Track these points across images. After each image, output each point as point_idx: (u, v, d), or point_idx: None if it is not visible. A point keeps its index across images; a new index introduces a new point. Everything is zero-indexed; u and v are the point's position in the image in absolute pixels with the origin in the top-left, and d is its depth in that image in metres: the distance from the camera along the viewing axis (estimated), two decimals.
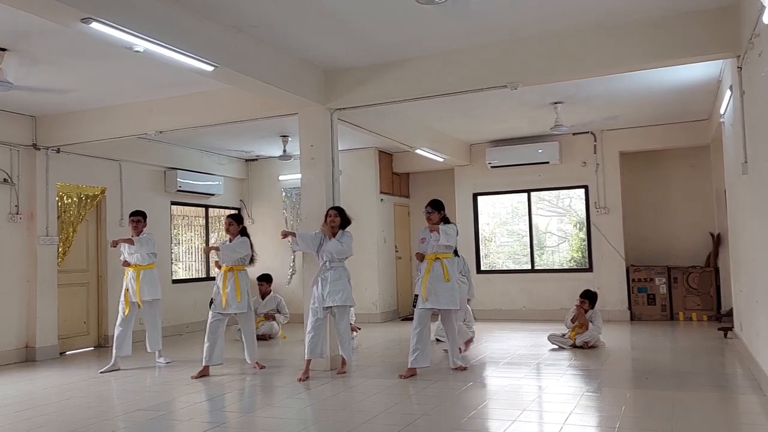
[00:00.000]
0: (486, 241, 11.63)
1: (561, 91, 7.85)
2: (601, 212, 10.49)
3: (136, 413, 5.17)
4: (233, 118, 7.47)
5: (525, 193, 11.23)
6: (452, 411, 4.95)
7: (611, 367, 6.62)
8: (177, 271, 10.69)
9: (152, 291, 7.22)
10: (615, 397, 5.28)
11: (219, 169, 11.30)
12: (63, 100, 7.54)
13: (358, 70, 6.79)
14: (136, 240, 7.18)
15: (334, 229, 6.45)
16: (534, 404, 5.13)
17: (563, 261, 11.14)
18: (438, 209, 6.45)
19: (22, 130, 8.08)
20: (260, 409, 5.38)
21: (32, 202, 8.16)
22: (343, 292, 6.36)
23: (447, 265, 6.32)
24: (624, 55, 5.83)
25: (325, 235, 6.46)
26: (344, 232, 6.53)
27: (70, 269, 8.77)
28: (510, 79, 6.16)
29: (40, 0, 4.02)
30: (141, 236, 7.24)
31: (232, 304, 6.65)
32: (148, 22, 4.72)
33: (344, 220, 6.53)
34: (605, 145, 10.52)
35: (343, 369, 6.49)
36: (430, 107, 8.11)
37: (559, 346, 7.69)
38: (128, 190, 9.55)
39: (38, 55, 5.91)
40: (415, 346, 6.24)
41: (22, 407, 5.49)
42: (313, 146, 6.94)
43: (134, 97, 7.58)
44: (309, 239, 6.53)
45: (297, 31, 5.75)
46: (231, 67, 5.57)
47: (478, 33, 5.92)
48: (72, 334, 8.75)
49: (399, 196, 12.13)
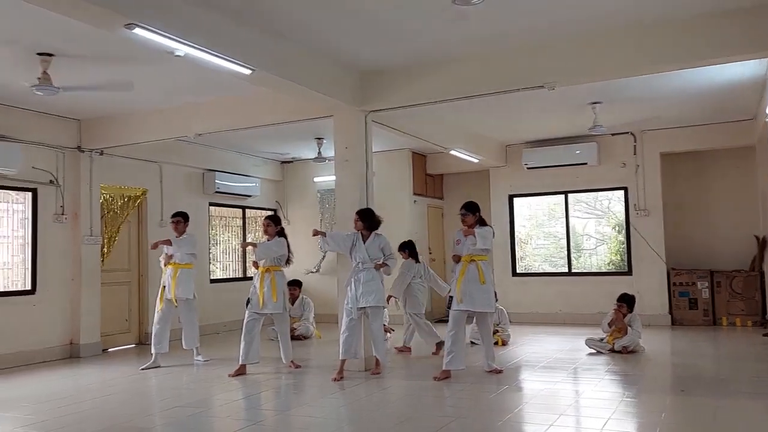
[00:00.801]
0: (522, 244, 11.51)
1: (599, 91, 7.73)
2: (641, 214, 10.29)
3: (175, 409, 5.28)
4: (269, 120, 7.57)
5: (562, 194, 11.09)
6: (487, 414, 4.92)
7: (651, 373, 6.49)
8: (215, 271, 10.86)
9: (186, 290, 7.33)
10: (654, 404, 5.17)
11: (256, 170, 11.45)
12: (106, 104, 7.74)
13: (392, 71, 6.80)
14: (174, 241, 7.33)
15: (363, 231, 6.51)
16: (571, 409, 5.06)
17: (601, 264, 10.96)
18: (473, 211, 6.41)
19: (67, 133, 8.32)
20: (295, 408, 5.44)
21: (77, 203, 8.39)
22: (376, 293, 6.39)
23: (482, 268, 6.28)
24: (664, 55, 5.71)
25: (359, 237, 6.50)
26: (377, 235, 6.56)
27: (112, 268, 8.99)
28: (547, 80, 6.09)
29: (85, 7, 4.13)
30: (182, 237, 7.38)
31: (268, 304, 6.74)
32: (189, 28, 4.82)
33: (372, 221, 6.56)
34: (645, 146, 10.32)
35: (377, 370, 6.51)
36: (465, 108, 8.07)
37: (596, 351, 7.57)
38: (168, 192, 9.75)
39: (83, 60, 6.07)
40: (449, 348, 6.22)
41: (67, 402, 5.65)
42: (348, 148, 6.98)
43: (174, 101, 7.74)
44: (340, 239, 6.59)
45: (333, 35, 5.80)
46: (268, 71, 5.64)
47: (514, 33, 5.87)
48: (114, 331, 8.96)
49: (433, 197, 12.11)
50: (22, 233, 7.96)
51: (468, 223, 6.38)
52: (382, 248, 6.54)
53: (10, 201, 7.90)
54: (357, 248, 6.49)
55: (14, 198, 7.92)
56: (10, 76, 6.44)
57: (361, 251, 6.46)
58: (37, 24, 5.15)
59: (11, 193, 7.87)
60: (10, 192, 7.84)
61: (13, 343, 7.59)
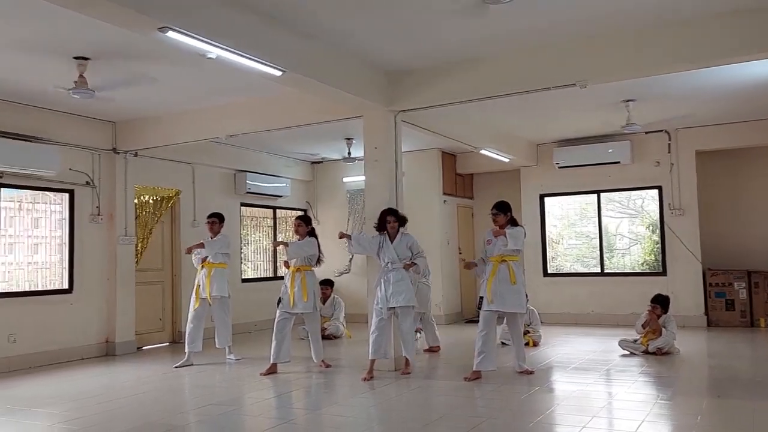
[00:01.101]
0: (553, 244, 11.40)
1: (633, 89, 7.60)
2: (676, 213, 10.10)
3: (207, 407, 5.35)
4: (299, 121, 7.61)
5: (594, 194, 10.94)
6: (518, 415, 4.89)
7: (686, 375, 6.38)
8: (246, 270, 10.97)
9: (220, 288, 7.41)
10: (690, 406, 5.08)
11: (286, 171, 11.54)
12: (140, 106, 7.88)
13: (422, 71, 6.79)
14: (207, 242, 7.43)
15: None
16: (603, 411, 5.00)
17: (635, 264, 10.79)
18: (504, 211, 6.36)
19: (102, 135, 8.49)
20: (326, 407, 5.46)
21: (112, 204, 8.55)
22: (406, 293, 6.39)
23: (513, 268, 6.23)
24: (700, 51, 5.59)
25: (385, 238, 6.51)
26: (404, 234, 6.56)
27: (146, 268, 9.14)
28: (578, 78, 6.02)
29: (120, 11, 4.22)
30: (216, 237, 7.48)
31: (298, 304, 6.78)
32: (220, 30, 4.88)
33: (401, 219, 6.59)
34: (680, 144, 10.13)
35: (407, 370, 6.51)
36: (496, 107, 8.02)
37: (630, 352, 7.45)
38: (201, 192, 9.89)
39: (117, 63, 6.20)
40: (480, 349, 6.18)
41: (103, 398, 5.77)
42: (377, 148, 6.99)
43: (206, 103, 7.84)
44: (367, 242, 6.63)
45: (362, 35, 5.82)
46: (298, 72, 5.68)
47: (545, 31, 5.82)
48: (148, 330, 9.12)
49: (462, 197, 12.05)
50: (59, 233, 8.15)
51: (499, 223, 6.33)
52: (410, 247, 6.55)
53: (48, 202, 8.10)
54: (385, 249, 6.49)
55: (52, 199, 8.12)
56: (48, 80, 6.60)
57: (390, 251, 6.46)
58: (73, 29, 5.27)
59: (49, 195, 8.06)
60: (48, 193, 8.04)
61: (52, 341, 7.77)
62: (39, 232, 8.04)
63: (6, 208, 7.61)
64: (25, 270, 7.85)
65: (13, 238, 7.71)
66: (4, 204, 7.54)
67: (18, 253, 7.77)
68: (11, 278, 7.66)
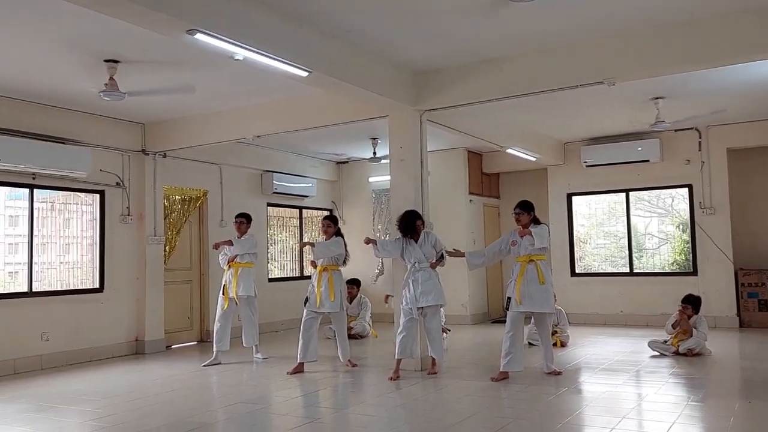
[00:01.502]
0: (581, 243, 11.28)
1: (662, 86, 7.49)
2: (707, 212, 9.92)
3: (235, 405, 5.39)
4: (325, 121, 7.64)
5: (623, 192, 10.80)
6: (546, 416, 4.85)
7: (718, 376, 6.26)
8: (272, 270, 11.05)
9: (247, 288, 7.46)
10: (722, 408, 4.98)
11: (312, 171, 11.59)
12: (168, 108, 7.98)
13: (447, 70, 6.77)
14: (235, 241, 7.49)
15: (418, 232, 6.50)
16: (633, 413, 4.93)
17: (665, 264, 10.62)
18: (528, 210, 6.32)
19: (132, 136, 8.62)
20: (353, 406, 5.48)
21: (141, 204, 8.68)
22: (435, 292, 6.38)
23: (542, 268, 6.18)
24: (732, 47, 5.48)
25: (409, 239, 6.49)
26: (428, 234, 6.54)
27: (174, 267, 9.26)
28: (606, 75, 5.94)
29: (150, 14, 4.28)
30: (244, 237, 7.55)
31: (325, 304, 6.81)
32: (247, 32, 4.92)
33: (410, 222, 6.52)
34: (711, 142, 9.95)
35: (434, 370, 6.49)
36: (522, 106, 7.96)
37: (660, 353, 7.34)
38: (228, 192, 9.99)
39: (147, 66, 6.28)
40: (507, 350, 6.15)
41: (132, 397, 5.86)
42: (403, 148, 6.99)
43: (233, 104, 7.92)
44: (390, 246, 6.68)
45: (388, 35, 5.82)
46: (324, 72, 5.70)
47: (572, 28, 5.75)
48: (177, 329, 9.23)
49: (489, 196, 11.98)
50: (90, 234, 8.29)
51: (523, 223, 6.29)
52: (434, 245, 6.54)
53: (79, 203, 8.25)
54: (410, 250, 6.48)
55: (83, 200, 8.27)
56: (79, 82, 6.72)
57: (416, 252, 6.45)
58: (104, 32, 5.35)
59: (81, 195, 8.21)
60: (80, 194, 8.18)
61: (83, 339, 7.91)
62: (70, 232, 8.20)
63: (39, 208, 7.76)
64: (57, 269, 8.01)
65: (46, 239, 7.87)
66: (37, 205, 7.70)
67: (50, 252, 7.93)
68: (44, 278, 7.82)
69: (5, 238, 7.79)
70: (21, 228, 7.68)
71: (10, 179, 7.33)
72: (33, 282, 7.57)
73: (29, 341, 7.37)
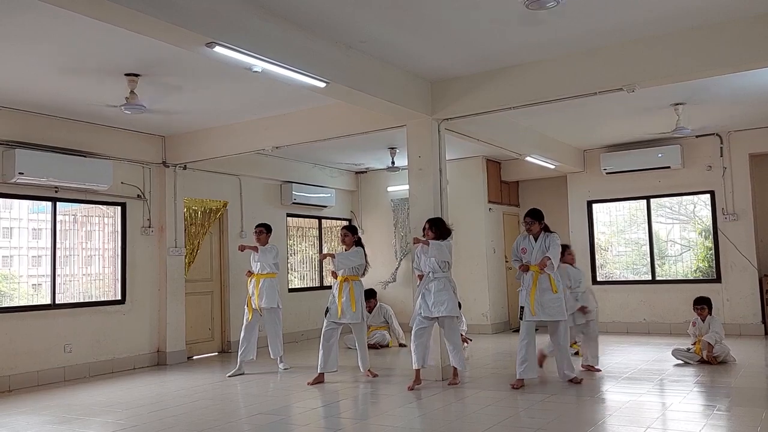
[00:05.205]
0: (602, 251, 11.17)
1: (682, 92, 7.42)
2: (730, 219, 9.79)
3: (257, 416, 5.40)
4: (343, 132, 7.67)
5: (644, 199, 10.69)
6: (569, 426, 4.79)
7: (744, 385, 6.14)
8: (292, 280, 11.08)
9: (270, 299, 7.48)
10: (749, 417, 4.88)
11: (331, 181, 11.64)
12: (189, 120, 8.07)
13: (465, 79, 6.77)
14: (260, 248, 7.52)
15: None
16: (658, 422, 4.85)
17: (687, 271, 10.48)
18: (539, 219, 6.36)
19: (153, 149, 8.72)
20: (373, 416, 5.46)
21: (162, 216, 8.77)
22: (448, 303, 6.32)
23: (553, 277, 6.17)
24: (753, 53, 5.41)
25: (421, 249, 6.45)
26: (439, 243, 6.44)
27: (195, 278, 9.33)
28: (626, 81, 5.90)
29: (169, 28, 4.34)
30: (264, 247, 7.57)
31: (346, 314, 6.80)
32: (265, 44, 4.97)
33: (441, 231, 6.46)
34: (733, 147, 9.82)
35: (455, 380, 6.45)
36: (541, 113, 7.94)
37: (684, 362, 7.23)
38: (248, 203, 10.05)
39: (167, 79, 6.37)
40: (523, 358, 6.21)
41: (155, 408, 5.89)
42: (421, 157, 6.99)
43: (252, 116, 7.99)
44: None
45: (405, 45, 5.84)
46: (342, 83, 5.74)
47: (590, 35, 5.73)
48: (198, 339, 9.28)
49: (508, 205, 11.93)
50: (112, 246, 8.39)
51: (534, 231, 6.34)
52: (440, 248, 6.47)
53: (101, 215, 8.35)
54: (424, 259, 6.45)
55: (105, 212, 8.37)
56: (101, 96, 6.82)
57: (430, 261, 6.41)
58: (124, 46, 5.43)
59: (102, 208, 8.32)
60: (102, 207, 8.29)
61: (106, 350, 7.99)
62: (92, 244, 8.30)
63: (61, 221, 7.87)
64: (80, 281, 8.11)
65: (69, 251, 7.97)
66: (59, 218, 7.81)
67: (73, 265, 8.03)
68: (66, 290, 7.91)
69: (29, 250, 7.91)
70: (44, 241, 7.79)
71: (33, 193, 7.44)
72: (56, 294, 7.66)
73: (52, 353, 7.45)
